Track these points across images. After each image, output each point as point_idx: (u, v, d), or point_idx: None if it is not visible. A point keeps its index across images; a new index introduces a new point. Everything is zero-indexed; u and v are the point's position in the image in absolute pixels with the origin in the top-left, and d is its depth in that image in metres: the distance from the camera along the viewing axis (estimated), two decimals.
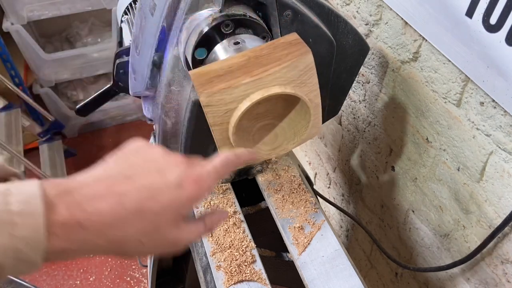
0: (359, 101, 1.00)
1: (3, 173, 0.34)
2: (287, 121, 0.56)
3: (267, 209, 0.72)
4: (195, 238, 0.40)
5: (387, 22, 0.80)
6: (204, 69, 0.49)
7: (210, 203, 0.70)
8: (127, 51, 0.72)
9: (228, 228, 0.67)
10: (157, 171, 0.35)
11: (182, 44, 0.56)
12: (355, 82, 0.98)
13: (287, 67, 0.48)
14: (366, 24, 0.87)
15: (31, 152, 2.01)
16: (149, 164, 0.36)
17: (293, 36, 0.51)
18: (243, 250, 0.64)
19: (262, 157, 0.58)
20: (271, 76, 0.48)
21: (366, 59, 0.80)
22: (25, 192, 0.30)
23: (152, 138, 0.88)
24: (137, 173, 0.35)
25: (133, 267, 1.69)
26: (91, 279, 1.65)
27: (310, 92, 0.51)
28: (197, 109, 0.58)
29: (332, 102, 0.72)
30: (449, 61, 0.67)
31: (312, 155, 1.42)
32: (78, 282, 1.64)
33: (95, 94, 0.83)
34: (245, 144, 0.55)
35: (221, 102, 0.48)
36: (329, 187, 1.35)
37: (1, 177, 0.34)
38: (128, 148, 0.38)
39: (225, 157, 0.40)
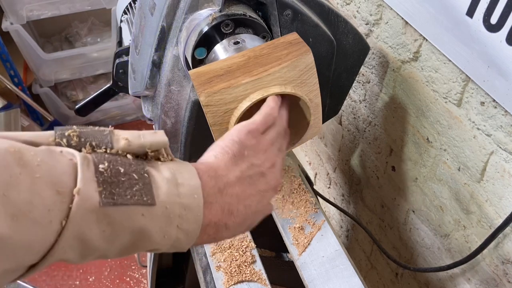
0: (360, 101, 1.00)
1: (162, 149, 0.35)
2: (287, 121, 0.56)
3: None
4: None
5: (387, 22, 0.80)
6: (203, 68, 0.49)
7: None
8: (126, 51, 0.72)
9: None
10: (270, 172, 0.42)
11: (181, 44, 0.56)
12: (355, 82, 0.98)
13: (287, 66, 0.48)
14: (367, 24, 0.87)
15: None
16: (266, 162, 0.42)
17: (293, 36, 0.51)
18: (243, 250, 0.64)
19: None
20: (271, 76, 0.47)
21: (366, 59, 0.79)
22: (189, 184, 0.33)
23: None
24: (256, 176, 0.41)
25: (133, 267, 1.69)
26: (90, 279, 1.65)
27: (310, 92, 0.51)
28: (197, 109, 0.58)
29: (332, 102, 0.72)
30: (450, 61, 0.67)
31: (312, 155, 1.42)
32: (78, 282, 1.64)
33: (95, 94, 0.83)
34: None
35: (221, 102, 0.47)
36: (329, 187, 1.35)
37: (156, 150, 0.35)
38: (245, 142, 0.42)
39: (263, 118, 0.45)
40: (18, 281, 0.76)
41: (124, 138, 0.32)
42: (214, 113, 0.48)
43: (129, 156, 0.32)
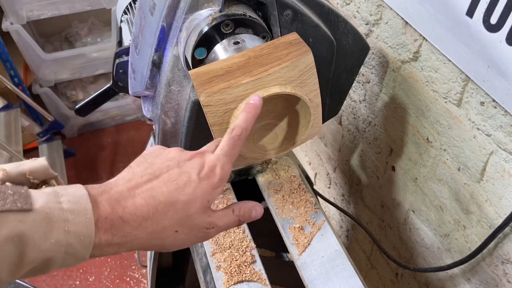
0: (359, 101, 1.00)
1: (44, 175, 0.36)
2: (287, 121, 0.56)
3: (267, 209, 0.72)
4: (224, 225, 0.42)
5: (387, 22, 0.80)
6: (203, 68, 0.49)
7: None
8: (126, 51, 0.72)
9: None
10: (177, 167, 0.40)
11: (181, 44, 0.56)
12: (355, 82, 0.98)
13: (287, 67, 0.48)
14: (366, 24, 0.87)
15: (30, 152, 2.01)
16: (169, 162, 0.40)
17: (293, 36, 0.51)
18: (243, 250, 0.64)
19: (262, 157, 0.58)
20: (271, 76, 0.47)
21: (366, 59, 0.79)
22: (72, 193, 0.34)
23: (152, 138, 0.88)
24: (161, 170, 0.39)
25: (133, 267, 1.69)
26: (90, 279, 1.65)
27: (310, 92, 0.51)
28: (197, 109, 0.58)
29: (332, 102, 0.72)
30: (450, 61, 0.67)
31: (312, 155, 1.42)
32: (78, 282, 1.64)
33: (95, 94, 0.83)
34: (245, 144, 0.55)
35: (221, 102, 0.47)
36: (329, 187, 1.35)
37: (41, 179, 0.36)
38: (146, 153, 0.42)
39: (226, 138, 0.43)
40: (18, 281, 0.76)
41: (1, 169, 0.33)
42: (214, 113, 0.48)
43: (8, 183, 0.33)
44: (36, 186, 0.35)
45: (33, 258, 0.32)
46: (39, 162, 0.35)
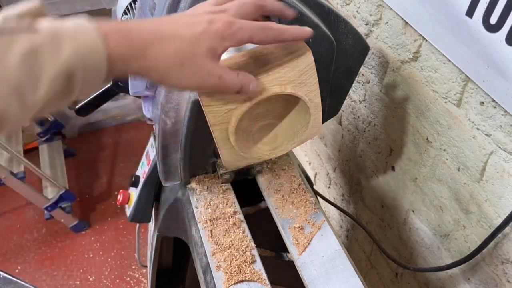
0: (359, 101, 1.00)
1: (41, 15, 0.37)
2: (287, 121, 0.56)
3: (267, 209, 0.72)
4: (228, 81, 0.43)
5: (387, 22, 0.80)
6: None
7: (210, 203, 0.70)
8: None
9: (228, 228, 0.67)
10: (193, 15, 0.42)
11: None
12: (355, 82, 0.98)
13: (287, 67, 0.48)
14: (366, 24, 0.87)
15: (31, 152, 2.01)
16: (187, 13, 0.43)
17: None
18: (243, 250, 0.64)
19: (263, 157, 0.58)
20: (271, 76, 0.48)
21: (366, 59, 0.79)
22: (74, 19, 0.36)
23: (152, 138, 0.88)
24: (176, 18, 0.42)
25: (133, 267, 1.69)
26: (91, 279, 1.65)
27: (310, 92, 0.51)
28: (197, 109, 0.58)
29: (332, 102, 0.72)
30: (449, 61, 0.67)
31: (312, 155, 1.42)
32: (78, 282, 1.64)
33: (95, 94, 0.83)
34: (245, 144, 0.55)
35: (221, 102, 0.48)
36: (329, 187, 1.35)
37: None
38: None
39: (264, 23, 0.44)
40: (18, 281, 0.76)
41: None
42: (215, 113, 0.48)
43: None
44: None
45: (53, 72, 0.33)
46: (34, 2, 0.36)
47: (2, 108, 0.31)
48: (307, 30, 0.46)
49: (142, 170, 0.87)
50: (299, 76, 0.49)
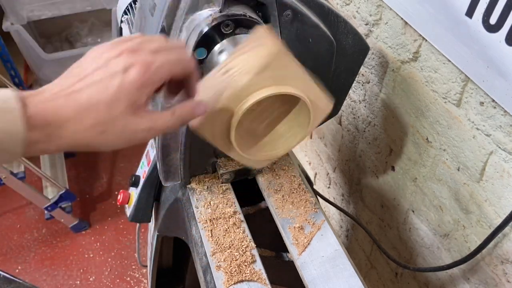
0: (359, 101, 1.00)
1: None
2: (287, 120, 0.56)
3: (267, 209, 0.72)
4: (162, 127, 0.41)
5: (387, 22, 0.80)
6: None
7: (210, 203, 0.70)
8: None
9: (228, 228, 0.67)
10: (104, 65, 0.38)
11: None
12: (355, 82, 0.98)
13: (251, 55, 0.46)
14: (366, 24, 0.87)
15: None
16: (97, 60, 0.39)
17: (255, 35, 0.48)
18: (243, 250, 0.64)
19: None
20: (250, 87, 0.47)
21: (366, 59, 0.79)
22: (0, 95, 0.34)
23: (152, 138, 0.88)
24: (88, 72, 0.38)
25: (133, 267, 1.69)
26: (91, 279, 1.65)
27: (293, 80, 0.49)
28: None
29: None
30: (449, 61, 0.67)
31: (312, 155, 1.42)
32: (78, 282, 1.64)
33: None
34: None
35: (209, 124, 0.48)
36: (329, 187, 1.35)
37: None
38: (84, 56, 0.41)
39: (180, 56, 0.41)
40: (18, 281, 0.76)
41: None
42: (210, 132, 0.49)
43: None
44: None
45: None
46: None
47: None
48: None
49: (142, 170, 0.87)
50: (271, 75, 0.47)
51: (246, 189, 0.77)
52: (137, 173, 0.90)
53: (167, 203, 0.79)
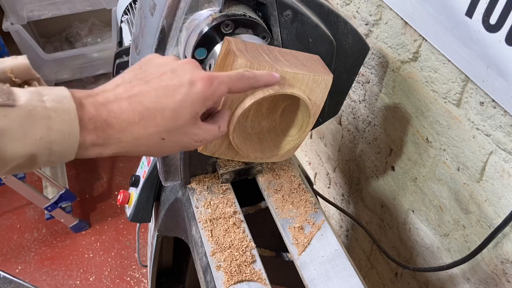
0: (359, 101, 1.00)
1: (26, 74, 0.35)
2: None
3: (267, 209, 0.72)
4: (211, 139, 0.42)
5: (387, 22, 0.80)
6: None
7: (210, 203, 0.70)
8: (127, 51, 0.72)
9: (228, 228, 0.67)
10: (171, 72, 0.38)
11: (182, 44, 0.56)
12: (355, 82, 0.98)
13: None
14: (366, 24, 0.87)
15: None
16: (163, 67, 0.38)
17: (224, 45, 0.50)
18: (243, 250, 0.64)
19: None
20: (226, 106, 0.47)
21: (366, 59, 0.80)
22: (56, 93, 0.33)
23: None
24: (153, 76, 0.37)
25: (133, 267, 1.69)
26: (91, 279, 1.65)
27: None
28: None
29: (332, 102, 0.72)
30: (449, 61, 0.67)
31: (312, 155, 1.42)
32: (78, 282, 1.64)
33: None
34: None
35: (215, 143, 0.51)
36: (329, 187, 1.35)
37: (23, 79, 0.35)
38: (142, 60, 0.40)
39: (240, 71, 0.42)
40: (19, 281, 0.76)
41: None
42: (217, 150, 0.52)
43: None
44: (18, 86, 0.34)
45: (17, 154, 0.31)
46: (20, 60, 0.34)
47: None
48: (276, 76, 0.45)
49: (142, 170, 0.87)
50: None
51: (246, 189, 0.78)
52: (137, 173, 0.90)
53: (167, 203, 0.79)
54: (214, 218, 0.68)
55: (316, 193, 0.83)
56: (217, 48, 0.54)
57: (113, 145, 0.36)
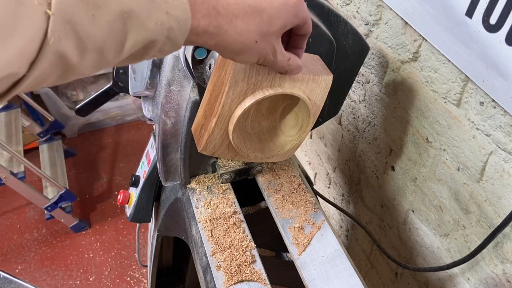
0: (359, 101, 1.00)
1: None
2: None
3: (267, 209, 0.72)
4: (279, 64, 0.43)
5: (387, 22, 0.80)
6: (196, 121, 0.53)
7: (210, 203, 0.70)
8: None
9: (228, 228, 0.67)
10: None
11: None
12: (355, 82, 0.98)
13: (230, 89, 0.47)
14: (366, 24, 0.87)
15: (31, 152, 2.01)
16: None
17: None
18: (243, 250, 0.64)
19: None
20: (226, 106, 0.47)
21: (366, 59, 0.80)
22: None
23: (152, 138, 0.88)
24: None
25: (133, 267, 1.69)
26: (91, 279, 1.65)
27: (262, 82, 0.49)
28: (197, 109, 0.58)
29: (332, 102, 0.72)
30: (449, 61, 0.67)
31: (312, 155, 1.42)
32: (78, 282, 1.64)
33: (95, 94, 0.83)
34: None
35: (217, 144, 0.52)
36: (329, 187, 1.35)
37: None
38: None
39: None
40: (18, 281, 0.76)
41: None
42: (217, 150, 0.53)
43: None
44: None
45: (137, 39, 0.32)
46: None
47: (77, 62, 0.30)
48: (300, 68, 0.47)
49: (142, 170, 0.87)
50: (247, 88, 0.48)
51: (246, 189, 0.78)
52: (137, 173, 0.90)
53: (167, 203, 0.79)
54: (214, 218, 0.68)
55: (316, 193, 0.83)
56: None
57: (220, 36, 0.37)
